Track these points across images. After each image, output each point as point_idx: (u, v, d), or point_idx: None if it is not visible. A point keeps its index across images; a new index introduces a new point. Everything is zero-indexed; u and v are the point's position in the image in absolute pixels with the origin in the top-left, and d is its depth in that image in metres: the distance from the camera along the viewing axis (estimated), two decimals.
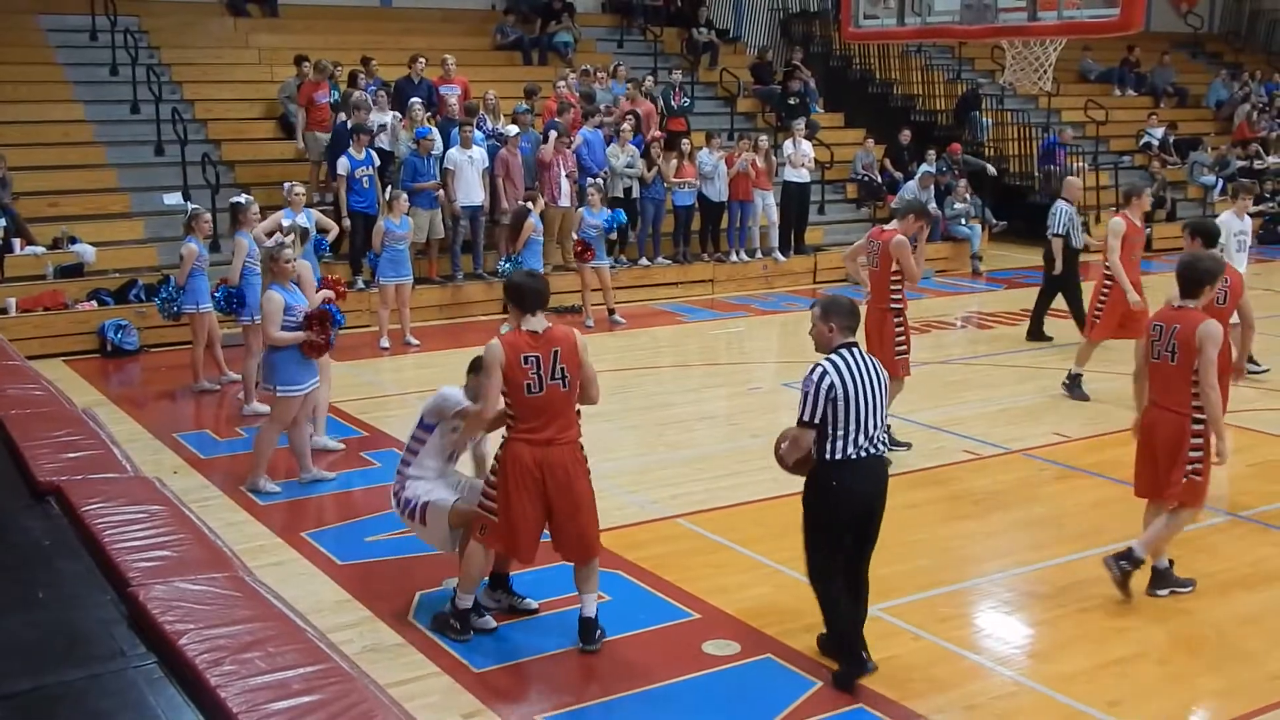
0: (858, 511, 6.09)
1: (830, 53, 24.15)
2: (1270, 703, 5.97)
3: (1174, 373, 6.87)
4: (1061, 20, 7.69)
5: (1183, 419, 6.89)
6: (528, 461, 6.19)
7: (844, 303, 6.13)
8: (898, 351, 9.54)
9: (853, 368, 5.93)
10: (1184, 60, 28.72)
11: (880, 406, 6.01)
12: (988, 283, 18.48)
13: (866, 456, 5.98)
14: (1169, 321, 6.93)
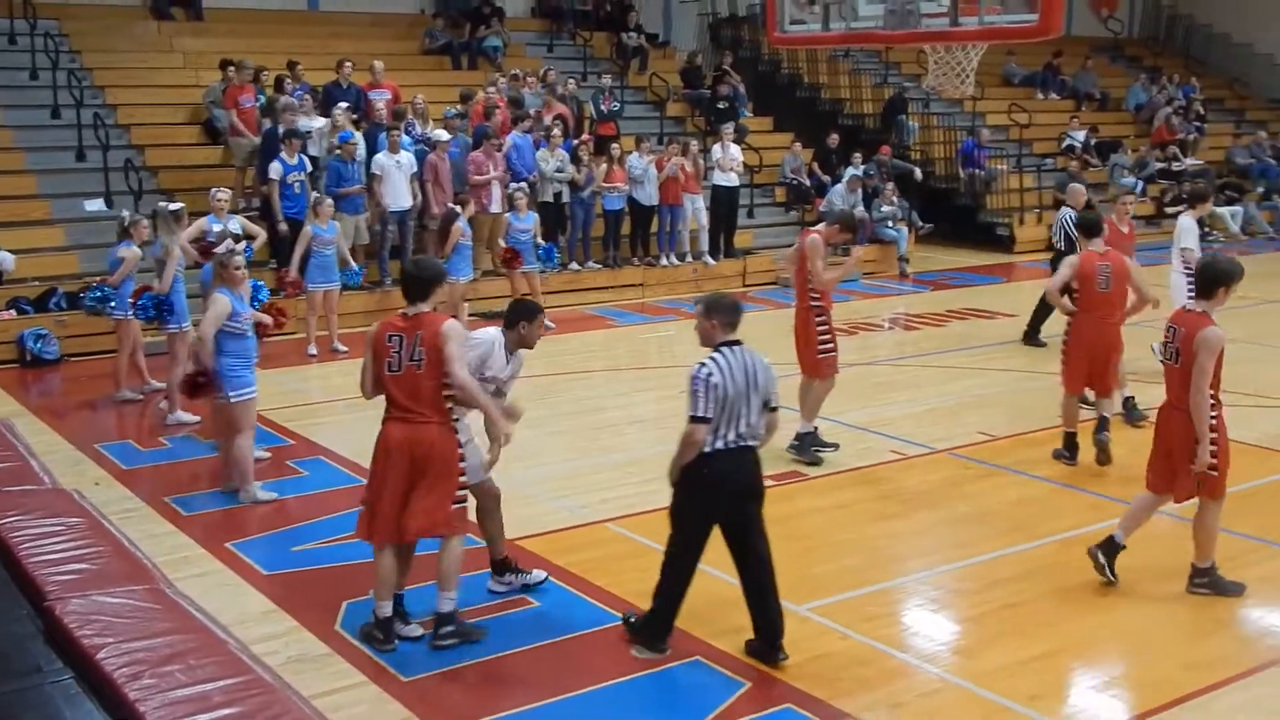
0: (728, 501, 6.27)
1: (759, 57, 24.30)
2: (1187, 692, 6.10)
3: (1178, 374, 7.02)
4: (982, 26, 7.81)
5: (1184, 417, 7.00)
6: (391, 439, 6.37)
7: (726, 300, 6.38)
8: (821, 351, 9.63)
9: (733, 364, 6.14)
10: (1105, 64, 29.23)
11: (755, 401, 6.18)
12: (914, 284, 18.68)
13: (737, 448, 6.16)
14: (1179, 324, 7.07)
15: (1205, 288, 7.08)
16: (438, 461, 6.36)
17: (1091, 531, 8.21)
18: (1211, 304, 7.04)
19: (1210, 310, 7.02)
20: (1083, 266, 9.65)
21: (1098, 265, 9.62)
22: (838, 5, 8.56)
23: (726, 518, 6.31)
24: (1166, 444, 7.20)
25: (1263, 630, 7.08)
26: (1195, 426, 6.94)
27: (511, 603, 7.08)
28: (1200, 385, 6.87)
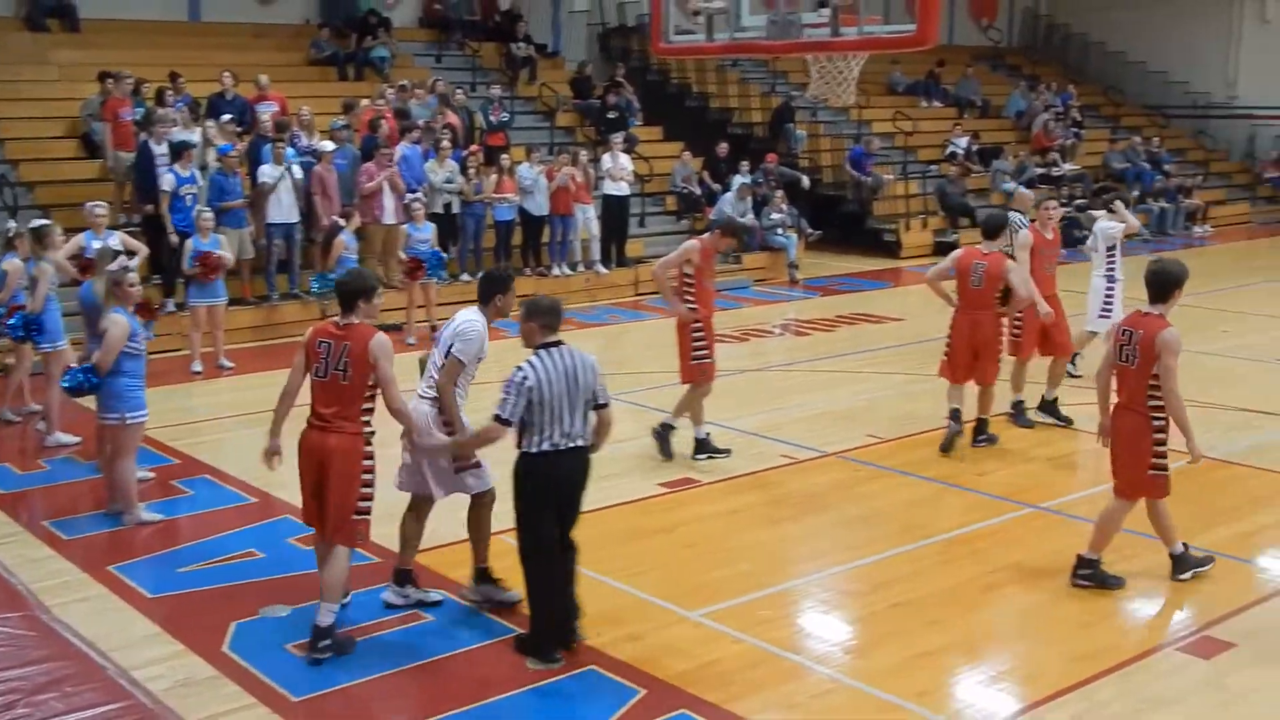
0: (557, 498, 6.43)
1: (648, 67, 24.44)
2: (1070, 684, 6.25)
3: (1134, 376, 7.13)
4: (862, 36, 7.92)
5: (1142, 417, 7.15)
6: (307, 442, 6.57)
7: (544, 302, 6.54)
8: (694, 357, 9.73)
9: (551, 365, 6.26)
10: (985, 73, 29.90)
11: (578, 401, 6.31)
12: (804, 290, 18.90)
13: (564, 450, 6.30)
14: (1135, 327, 7.17)
15: (1161, 291, 7.21)
16: (338, 471, 6.45)
17: (978, 530, 8.41)
18: (1167, 307, 7.19)
19: (1166, 313, 7.19)
20: (961, 261, 10.07)
21: (974, 263, 9.98)
22: (721, 16, 8.61)
23: (556, 510, 6.46)
24: (1119, 444, 7.35)
25: (1141, 621, 7.30)
26: (1177, 423, 7.11)
27: (406, 618, 7.01)
28: (1172, 386, 7.02)
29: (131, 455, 8.56)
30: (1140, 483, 7.29)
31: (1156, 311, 7.18)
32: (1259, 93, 30.19)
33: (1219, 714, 6.01)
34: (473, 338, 6.81)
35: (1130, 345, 7.15)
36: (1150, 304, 7.24)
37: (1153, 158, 27.23)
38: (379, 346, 6.46)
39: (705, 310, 9.78)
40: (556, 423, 6.26)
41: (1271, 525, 8.62)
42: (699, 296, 9.73)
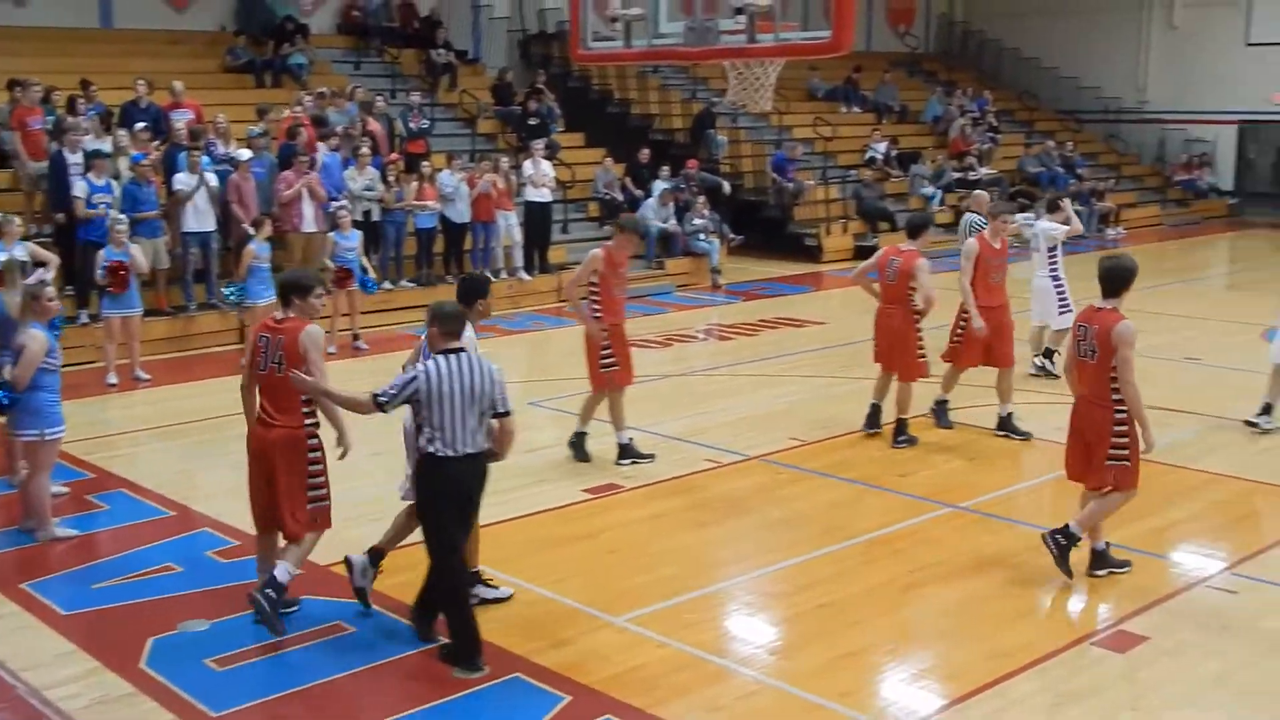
0: (454, 500, 6.51)
1: (569, 74, 24.44)
2: (989, 680, 6.35)
3: (1095, 369, 7.34)
4: (778, 42, 7.99)
5: (1107, 410, 7.32)
6: (253, 438, 6.86)
7: (445, 309, 6.60)
8: (602, 364, 9.78)
9: (447, 371, 6.34)
10: (903, 78, 30.30)
11: (473, 408, 6.36)
12: (727, 295, 19.01)
13: (456, 455, 6.37)
14: (1090, 322, 7.39)
15: (1115, 287, 7.41)
16: (284, 464, 6.71)
17: (899, 530, 8.51)
18: (1119, 301, 7.39)
19: (1119, 307, 7.37)
20: (880, 257, 10.57)
21: (890, 259, 10.39)
22: (639, 22, 8.65)
23: (454, 512, 6.56)
24: (1086, 436, 7.50)
25: (1055, 617, 7.43)
26: (1133, 413, 7.28)
27: (329, 629, 6.94)
28: (1128, 377, 7.21)
29: (48, 471, 8.40)
30: (1105, 469, 7.46)
31: (1110, 306, 7.38)
32: (1168, 97, 30.94)
33: (1132, 705, 6.13)
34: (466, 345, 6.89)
35: (1087, 340, 7.36)
36: (1103, 299, 7.43)
37: (1066, 162, 27.77)
38: (308, 338, 6.71)
39: (613, 318, 9.81)
40: (446, 427, 6.34)
41: (1184, 520, 8.82)
42: (605, 305, 9.78)
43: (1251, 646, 6.75)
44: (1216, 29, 30.04)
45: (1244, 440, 10.67)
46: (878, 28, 31.96)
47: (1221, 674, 6.43)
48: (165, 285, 14.77)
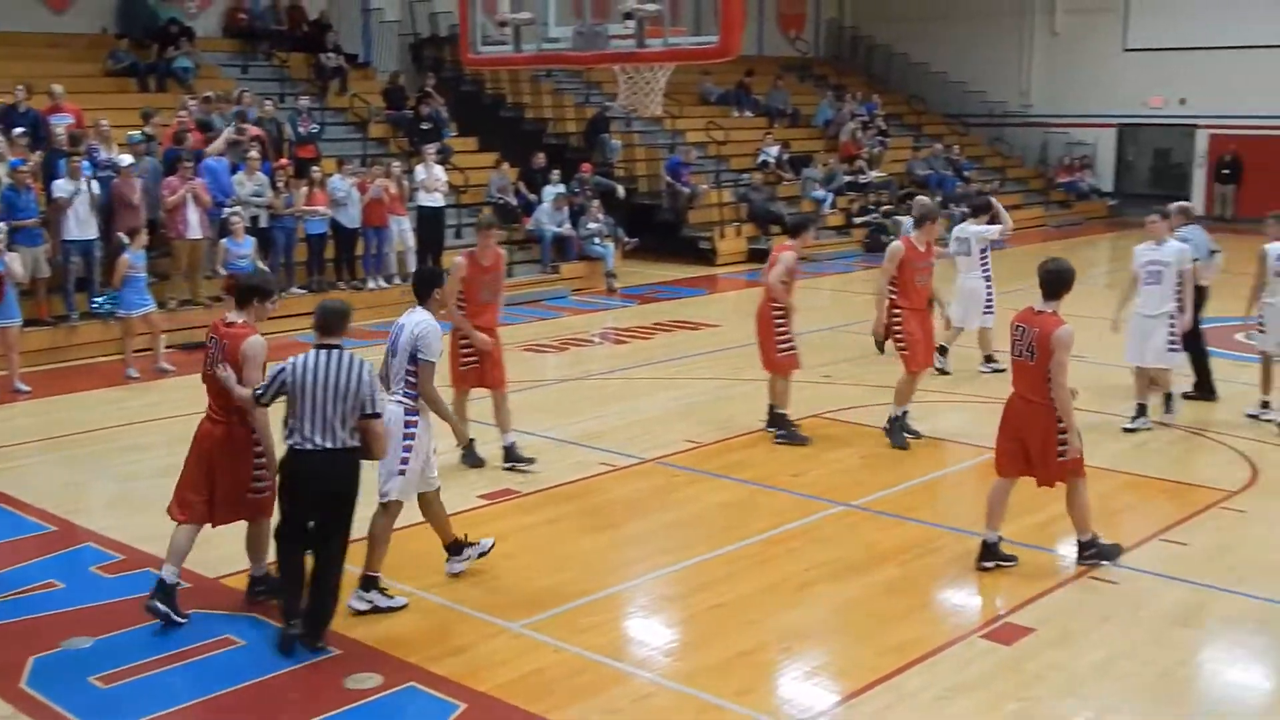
0: (304, 494, 6.64)
1: (462, 78, 24.29)
2: (882, 675, 6.45)
3: (1033, 370, 7.53)
4: (667, 47, 8.03)
5: (1048, 410, 7.52)
6: (198, 431, 7.07)
7: (326, 306, 6.86)
8: (463, 364, 9.88)
9: (313, 366, 6.54)
10: (794, 83, 30.66)
11: (337, 407, 6.50)
12: (622, 299, 19.06)
13: (313, 450, 6.54)
14: (1029, 324, 7.58)
15: (1055, 290, 7.63)
16: (223, 458, 6.93)
17: (792, 529, 8.61)
18: (1058, 304, 7.61)
19: (1058, 309, 7.59)
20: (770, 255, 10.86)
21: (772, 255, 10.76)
22: (529, 26, 8.64)
23: (305, 516, 6.70)
24: (1020, 433, 7.67)
25: (945, 612, 7.58)
26: (1062, 417, 7.50)
27: (217, 643, 6.82)
28: (1061, 380, 7.43)
29: None
30: (1066, 467, 7.66)
31: (1050, 309, 7.60)
32: (1050, 102, 31.75)
33: (1017, 695, 6.26)
34: (433, 338, 7.32)
35: (1024, 341, 7.57)
36: (1043, 301, 7.64)
37: (954, 164, 28.33)
38: (249, 347, 6.87)
39: (481, 320, 9.84)
40: (305, 421, 6.52)
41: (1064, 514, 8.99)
42: (470, 310, 9.81)
43: (1131, 635, 6.95)
44: (1096, 35, 30.89)
45: (1122, 435, 10.97)
46: (769, 33, 32.32)
47: (1103, 663, 6.60)
48: (46, 294, 14.37)
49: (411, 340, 7.27)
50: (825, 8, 34.35)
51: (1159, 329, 10.85)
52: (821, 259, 22.84)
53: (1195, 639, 6.98)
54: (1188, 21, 29.12)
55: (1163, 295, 10.83)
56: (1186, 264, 10.83)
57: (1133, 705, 6.19)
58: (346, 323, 6.76)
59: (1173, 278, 10.79)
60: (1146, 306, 10.90)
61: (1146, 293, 10.89)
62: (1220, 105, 29.07)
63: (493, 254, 10.02)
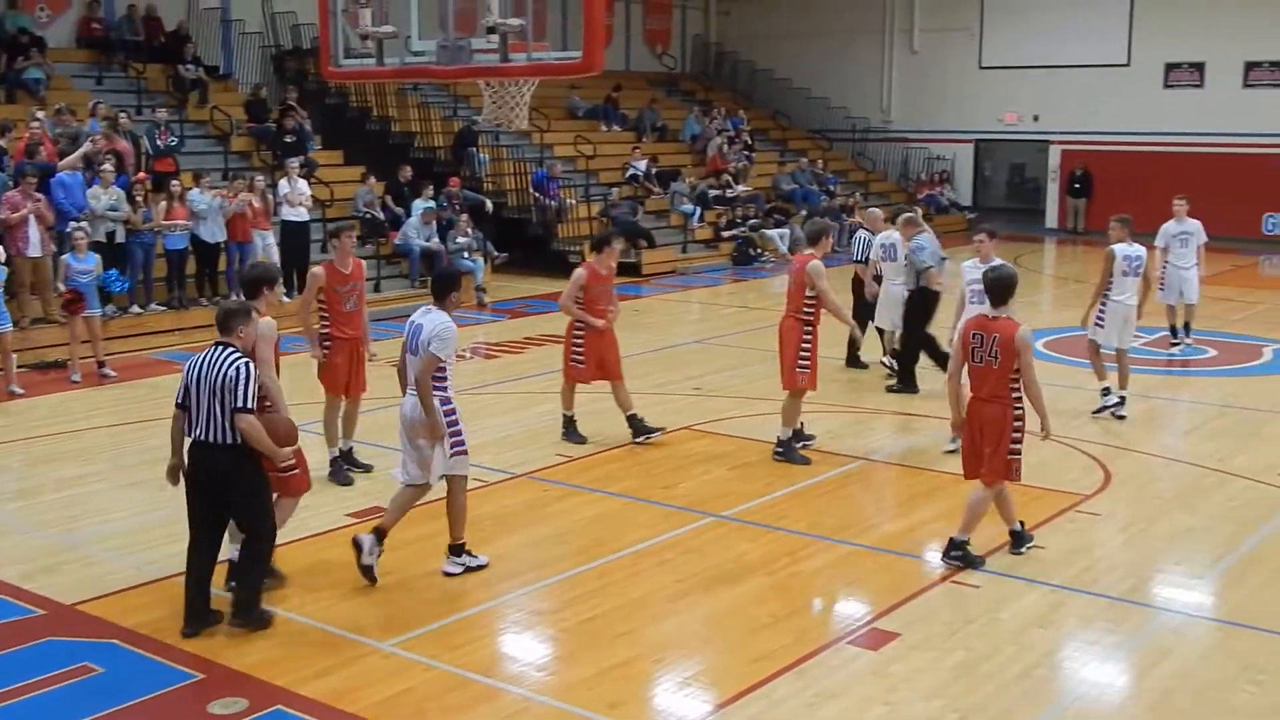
0: (195, 487, 7.01)
1: (327, 90, 23.96)
2: (752, 684, 6.53)
3: (997, 373, 7.90)
4: (531, 62, 8.03)
5: (1007, 408, 7.93)
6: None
7: (225, 306, 7.34)
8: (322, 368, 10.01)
9: (200, 362, 6.96)
10: (662, 98, 30.91)
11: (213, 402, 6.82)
12: (493, 314, 18.98)
13: (197, 442, 6.93)
14: (988, 330, 7.92)
15: (1004, 296, 8.00)
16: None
17: (664, 541, 8.66)
18: (1009, 309, 7.99)
19: (1011, 314, 7.98)
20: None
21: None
22: (392, 40, 8.56)
23: (199, 506, 7.03)
24: (984, 434, 8.00)
25: (814, 620, 7.70)
26: (1037, 407, 7.96)
27: (73, 672, 6.60)
28: (1032, 377, 7.91)
29: None
30: (1003, 467, 8.00)
31: (1003, 314, 7.97)
32: (910, 118, 32.53)
33: (884, 699, 6.39)
34: (450, 337, 7.73)
35: (984, 347, 7.92)
36: (993, 308, 8.00)
37: (818, 179, 28.85)
38: (263, 328, 7.37)
39: (348, 331, 9.90)
40: (193, 414, 6.91)
41: (929, 520, 9.25)
42: (333, 320, 9.89)
43: (992, 636, 7.14)
44: (952, 54, 31.76)
45: None
46: (636, 48, 32.54)
47: (966, 664, 6.77)
48: None
49: (431, 335, 7.67)
50: (691, 24, 34.71)
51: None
52: (689, 272, 23.05)
53: (1053, 639, 7.19)
54: (1039, 41, 30.14)
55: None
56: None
57: (995, 705, 6.36)
58: (236, 321, 7.00)
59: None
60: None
61: (970, 311, 10.25)
62: (1071, 122, 30.15)
63: (354, 261, 10.07)
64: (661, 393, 12.79)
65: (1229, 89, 28.36)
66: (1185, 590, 8.04)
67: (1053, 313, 19.09)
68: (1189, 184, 25.97)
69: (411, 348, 7.82)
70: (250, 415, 6.83)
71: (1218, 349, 15.58)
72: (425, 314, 7.85)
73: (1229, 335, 16.44)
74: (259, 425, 6.88)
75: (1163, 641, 7.18)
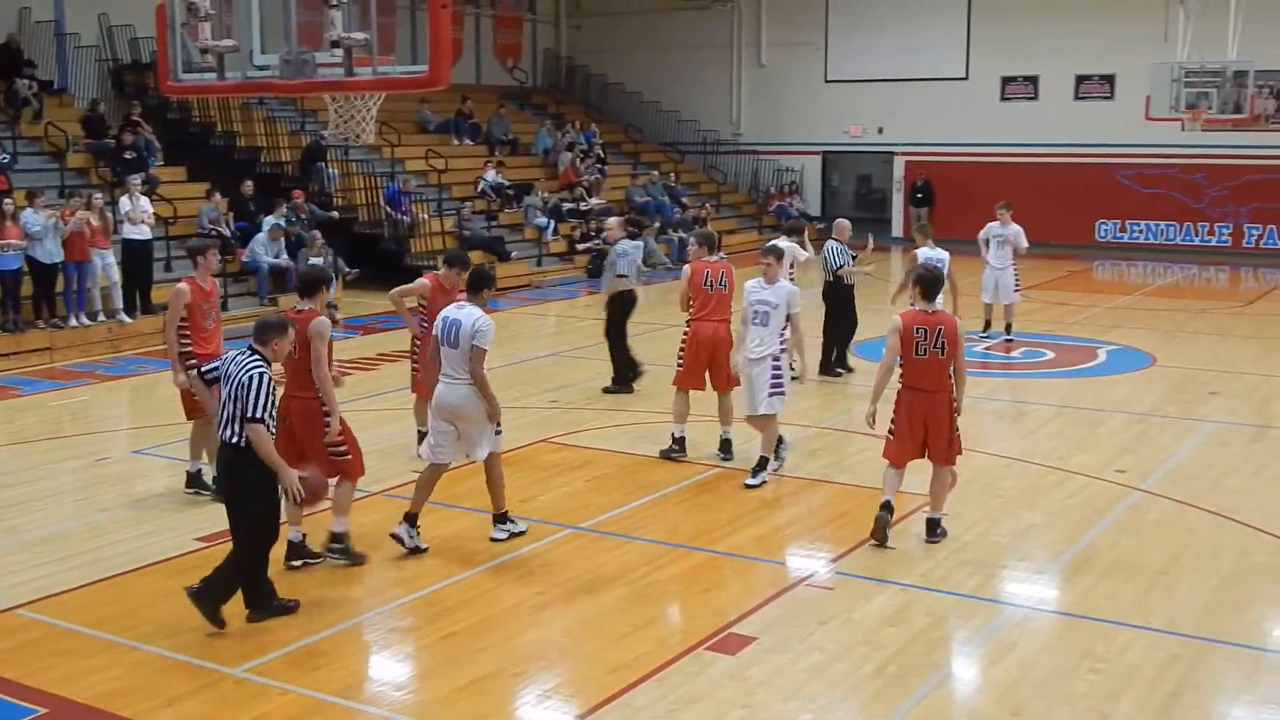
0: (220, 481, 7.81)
1: (168, 104, 23.35)
2: (614, 692, 6.57)
3: (944, 363, 8.51)
4: (376, 76, 7.92)
5: (948, 395, 8.58)
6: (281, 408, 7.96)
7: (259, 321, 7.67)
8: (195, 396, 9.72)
9: (233, 360, 7.39)
10: (514, 111, 30.85)
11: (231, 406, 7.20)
12: (345, 330, 18.69)
13: (221, 442, 7.35)
14: (930, 324, 8.49)
15: (934, 291, 8.74)
16: (303, 430, 8.10)
17: (523, 554, 8.65)
18: (934, 304, 8.70)
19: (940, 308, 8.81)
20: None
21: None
22: (233, 54, 8.38)
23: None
24: (925, 423, 8.58)
25: (672, 627, 7.76)
26: (960, 390, 8.62)
27: None
28: (964, 364, 8.62)
29: None
30: (957, 446, 8.71)
31: (937, 308, 8.69)
32: (759, 130, 33.08)
33: (742, 702, 6.48)
34: (489, 330, 8.48)
35: (930, 339, 8.45)
36: (925, 302, 8.62)
37: (671, 191, 29.12)
38: (316, 326, 7.98)
39: (210, 349, 9.71)
40: (222, 414, 7.32)
41: (784, 525, 9.43)
42: (195, 338, 9.77)
43: (845, 637, 7.30)
44: (799, 67, 32.41)
45: (838, 447, 11.52)
46: (486, 62, 32.44)
47: (821, 665, 6.92)
48: None
49: (473, 330, 8.35)
50: (542, 38, 34.75)
51: (764, 372, 10.16)
52: (545, 285, 23.05)
53: (904, 636, 7.37)
54: (882, 56, 30.95)
55: (768, 336, 10.16)
56: (795, 306, 10.21)
57: (849, 704, 6.51)
58: (272, 334, 7.43)
59: (780, 319, 10.15)
60: (751, 346, 10.23)
61: (753, 332, 10.21)
62: (913, 133, 31.03)
63: (211, 278, 10.03)
64: (519, 405, 12.76)
65: (1061, 101, 29.51)
66: (1028, 585, 8.33)
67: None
68: (1026, 192, 27.21)
69: (450, 341, 8.44)
70: (260, 426, 7.13)
71: (1055, 351, 16.19)
72: (459, 309, 8.52)
73: (1065, 338, 17.08)
74: (267, 438, 7.19)
75: (1008, 635, 7.43)
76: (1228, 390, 14.04)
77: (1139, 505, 9.85)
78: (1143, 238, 29.17)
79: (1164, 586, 8.12)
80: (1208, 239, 28.59)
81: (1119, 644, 7.22)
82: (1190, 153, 27.67)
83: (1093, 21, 28.37)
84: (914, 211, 31.27)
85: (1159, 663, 6.96)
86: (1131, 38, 27.52)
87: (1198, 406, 13.28)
